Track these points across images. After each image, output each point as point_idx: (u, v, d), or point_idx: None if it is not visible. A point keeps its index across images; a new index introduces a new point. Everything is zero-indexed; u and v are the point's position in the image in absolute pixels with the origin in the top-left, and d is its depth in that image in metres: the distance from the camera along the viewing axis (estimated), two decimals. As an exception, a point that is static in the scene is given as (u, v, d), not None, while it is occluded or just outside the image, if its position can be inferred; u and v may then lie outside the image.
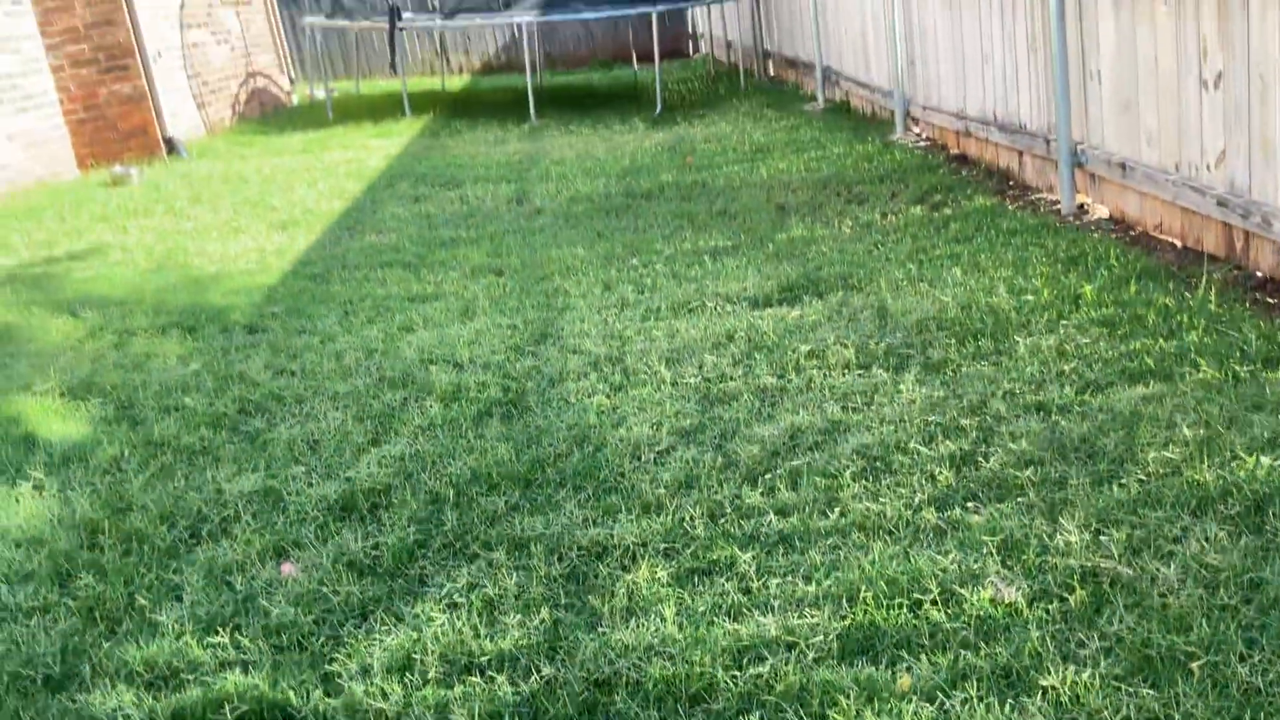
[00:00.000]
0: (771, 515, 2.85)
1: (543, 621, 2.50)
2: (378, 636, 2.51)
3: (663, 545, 2.77)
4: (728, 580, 2.59)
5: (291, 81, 15.19)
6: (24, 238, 7.23)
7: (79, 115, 10.02)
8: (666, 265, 5.32)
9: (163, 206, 7.96)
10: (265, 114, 13.62)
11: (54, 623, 2.69)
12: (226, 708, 2.29)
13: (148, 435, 3.78)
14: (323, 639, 2.53)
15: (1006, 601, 2.38)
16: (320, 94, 14.85)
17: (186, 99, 11.41)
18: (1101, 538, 2.58)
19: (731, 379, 3.81)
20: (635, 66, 16.58)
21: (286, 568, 2.84)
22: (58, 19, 9.77)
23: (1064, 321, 3.96)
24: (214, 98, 12.19)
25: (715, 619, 2.44)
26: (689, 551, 2.73)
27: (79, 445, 3.75)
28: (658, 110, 11.32)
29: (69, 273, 6.22)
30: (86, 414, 4.04)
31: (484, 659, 2.39)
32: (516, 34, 17.46)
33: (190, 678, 2.43)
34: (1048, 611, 2.34)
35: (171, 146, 10.34)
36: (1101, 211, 5.44)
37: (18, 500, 3.37)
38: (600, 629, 2.46)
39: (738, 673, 2.26)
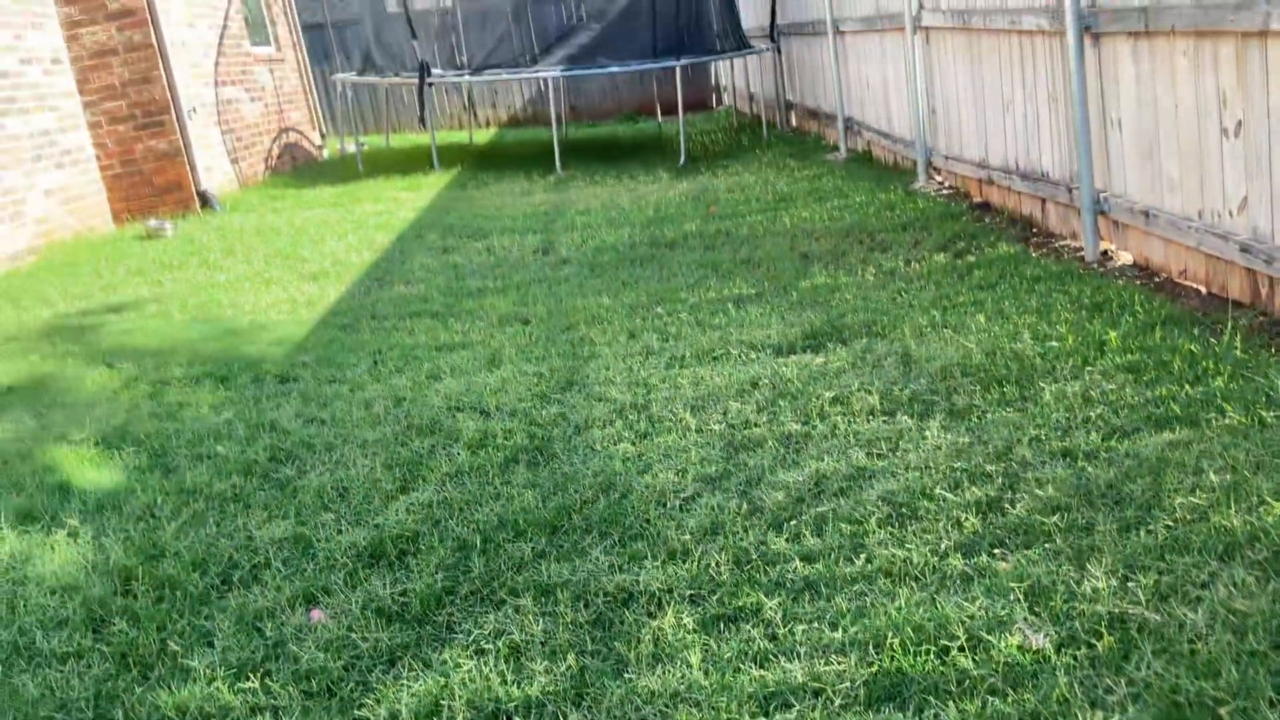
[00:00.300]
0: (797, 561, 2.86)
1: (569, 668, 2.52)
2: (405, 683, 2.53)
3: (688, 591, 2.78)
4: (754, 627, 2.60)
5: (323, 136, 15.46)
6: (61, 290, 7.38)
7: (115, 170, 10.24)
8: (691, 313, 5.36)
9: (196, 259, 8.10)
10: (297, 168, 13.86)
11: (87, 668, 2.73)
12: (257, 753, 2.31)
13: (180, 483, 3.83)
14: (351, 685, 2.55)
15: (1034, 648, 2.38)
16: (351, 148, 15.10)
17: (220, 154, 11.64)
18: (1129, 584, 2.57)
19: (756, 426, 3.83)
20: (659, 118, 16.78)
21: (316, 614, 2.87)
22: (96, 77, 10.02)
23: (1089, 368, 3.97)
24: (247, 152, 12.43)
25: (741, 665, 2.44)
26: (715, 598, 2.74)
27: (113, 493, 3.81)
28: (681, 161, 11.44)
29: (105, 324, 6.33)
30: (121, 462, 4.11)
31: (511, 705, 2.40)
32: (542, 88, 17.72)
33: (221, 723, 2.45)
34: (1075, 658, 2.33)
35: (205, 200, 10.53)
36: (1125, 258, 5.45)
37: (53, 547, 3.43)
38: (626, 675, 2.46)
39: (764, 719, 2.26)
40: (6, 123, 8.73)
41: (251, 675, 2.62)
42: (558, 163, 11.63)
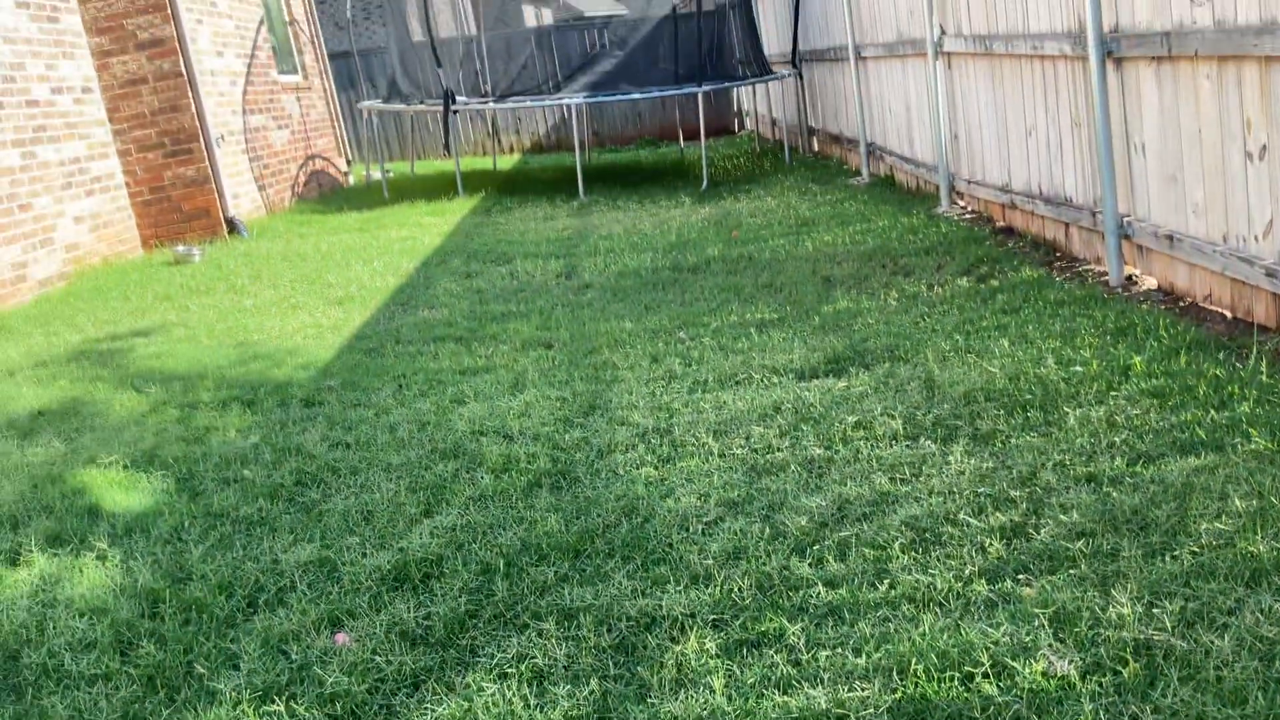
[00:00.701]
0: (820, 586, 2.86)
1: (592, 693, 2.52)
2: (429, 706, 2.54)
3: (711, 616, 2.78)
4: (776, 652, 2.59)
5: (349, 163, 15.61)
6: (90, 315, 7.47)
7: (144, 197, 10.38)
8: (713, 338, 5.38)
9: (224, 284, 8.19)
10: (323, 194, 13.99)
11: (115, 690, 2.75)
12: (282, 775, 2.33)
13: (207, 506, 3.87)
14: (376, 708, 2.57)
15: (1059, 674, 2.37)
16: (376, 175, 15.25)
17: (248, 181, 11.77)
18: (1154, 610, 2.56)
19: (779, 450, 3.83)
20: (682, 144, 16.86)
21: (341, 637, 2.89)
22: (126, 105, 10.18)
23: (1114, 392, 3.95)
24: (274, 179, 12.57)
25: (764, 691, 2.44)
26: (738, 623, 2.74)
27: (141, 516, 3.85)
28: (704, 186, 11.49)
29: (133, 349, 6.40)
30: (149, 486, 4.15)
31: (534, 729, 2.41)
32: (566, 114, 17.86)
33: (247, 745, 2.47)
34: (1101, 685, 2.32)
35: (233, 226, 10.65)
36: (1150, 283, 5.43)
37: (82, 570, 3.46)
38: (649, 700, 2.47)
39: (787, 744, 2.26)
40: (38, 151, 8.87)
41: (276, 698, 2.63)
42: (581, 188, 11.70)
